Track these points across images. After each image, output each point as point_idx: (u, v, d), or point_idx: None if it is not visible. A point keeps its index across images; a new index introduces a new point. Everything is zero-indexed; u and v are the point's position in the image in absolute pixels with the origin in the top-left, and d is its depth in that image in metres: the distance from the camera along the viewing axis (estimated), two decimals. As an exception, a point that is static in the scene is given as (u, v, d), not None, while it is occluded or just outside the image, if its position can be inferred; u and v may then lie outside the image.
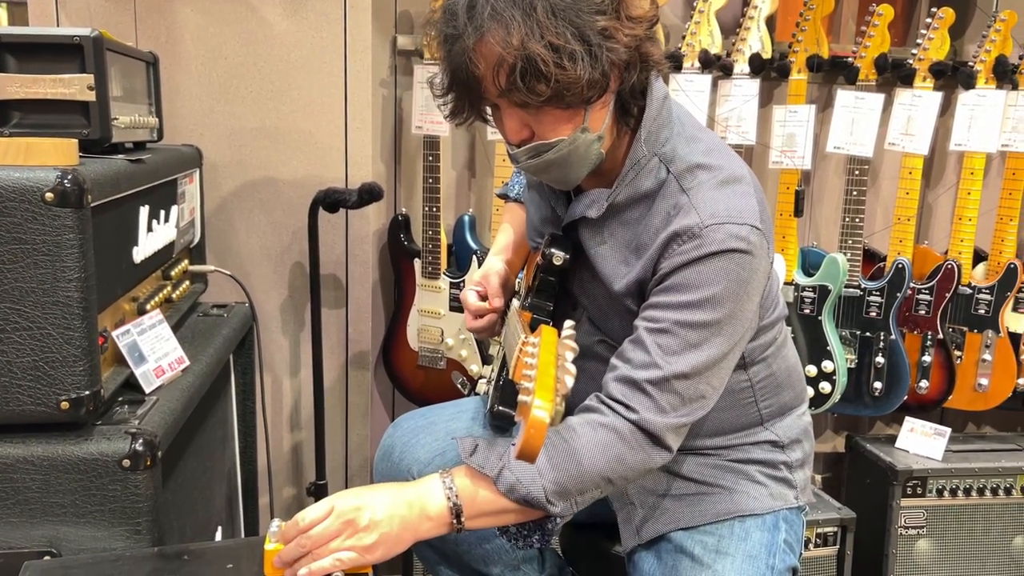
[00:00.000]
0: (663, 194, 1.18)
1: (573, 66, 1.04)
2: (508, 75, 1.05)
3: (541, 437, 0.82)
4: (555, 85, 1.05)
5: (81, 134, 1.34)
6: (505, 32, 1.04)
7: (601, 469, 1.12)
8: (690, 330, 1.12)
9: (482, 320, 1.42)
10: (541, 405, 0.81)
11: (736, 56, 2.21)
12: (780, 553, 1.24)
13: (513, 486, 1.11)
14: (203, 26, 2.02)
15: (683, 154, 1.19)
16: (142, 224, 1.46)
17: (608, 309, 1.27)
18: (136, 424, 1.26)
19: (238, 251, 2.14)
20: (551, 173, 1.18)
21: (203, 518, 1.67)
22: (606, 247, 1.23)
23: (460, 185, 2.40)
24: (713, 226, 1.11)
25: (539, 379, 0.85)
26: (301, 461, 2.29)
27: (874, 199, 2.47)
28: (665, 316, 1.13)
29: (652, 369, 1.12)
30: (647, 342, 1.13)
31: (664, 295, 1.14)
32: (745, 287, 1.13)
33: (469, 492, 1.12)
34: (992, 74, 2.20)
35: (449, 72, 1.13)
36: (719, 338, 1.13)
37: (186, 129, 2.04)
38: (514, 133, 1.14)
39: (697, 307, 1.12)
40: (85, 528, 1.23)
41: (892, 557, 2.27)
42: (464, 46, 1.07)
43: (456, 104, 1.18)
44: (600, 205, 1.21)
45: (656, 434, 1.13)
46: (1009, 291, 2.29)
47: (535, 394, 0.83)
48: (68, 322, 1.18)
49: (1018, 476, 2.28)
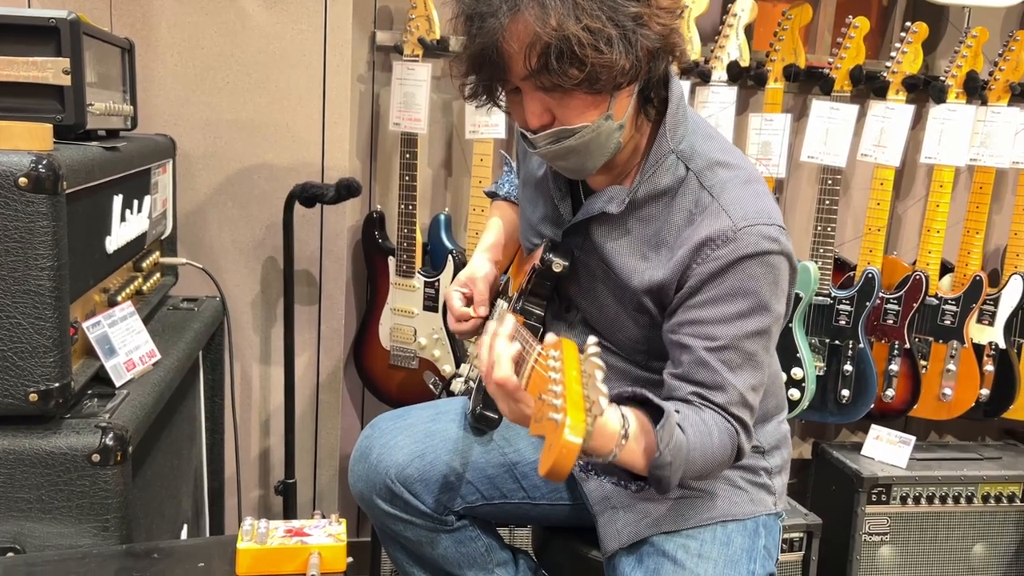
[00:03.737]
0: (683, 191, 1.18)
1: (609, 50, 1.04)
2: (541, 56, 1.04)
3: (571, 461, 0.79)
4: (589, 69, 1.04)
5: (55, 119, 1.30)
6: (542, 11, 1.03)
7: (710, 472, 1.16)
8: (747, 341, 1.14)
9: (466, 324, 1.40)
10: (573, 426, 0.78)
11: (714, 63, 2.22)
12: (760, 559, 1.25)
13: (662, 466, 1.06)
14: (180, 14, 1.98)
15: (702, 151, 1.20)
16: (115, 213, 1.43)
17: (612, 311, 1.26)
18: (106, 418, 1.23)
19: (210, 244, 2.10)
20: (569, 160, 1.17)
21: (170, 516, 1.64)
22: (623, 244, 1.22)
23: (436, 183, 2.38)
24: (746, 228, 1.12)
25: (569, 397, 0.81)
26: (270, 459, 2.26)
27: (845, 209, 2.51)
28: (721, 332, 1.13)
29: (729, 390, 1.14)
30: (711, 361, 1.14)
31: (712, 308, 1.14)
32: (783, 287, 1.16)
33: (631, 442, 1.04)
34: (963, 89, 2.24)
35: (476, 50, 1.10)
36: (769, 342, 1.17)
37: (160, 118, 2.00)
38: (535, 117, 1.12)
39: (748, 316, 1.13)
40: (51, 524, 1.20)
41: (856, 563, 2.29)
42: (497, 24, 1.05)
43: (477, 85, 1.16)
44: (621, 200, 1.20)
45: (743, 450, 1.18)
46: (974, 303, 2.33)
47: (567, 414, 0.79)
48: (39, 312, 1.15)
49: (979, 485, 2.32)
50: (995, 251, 2.60)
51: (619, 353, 1.31)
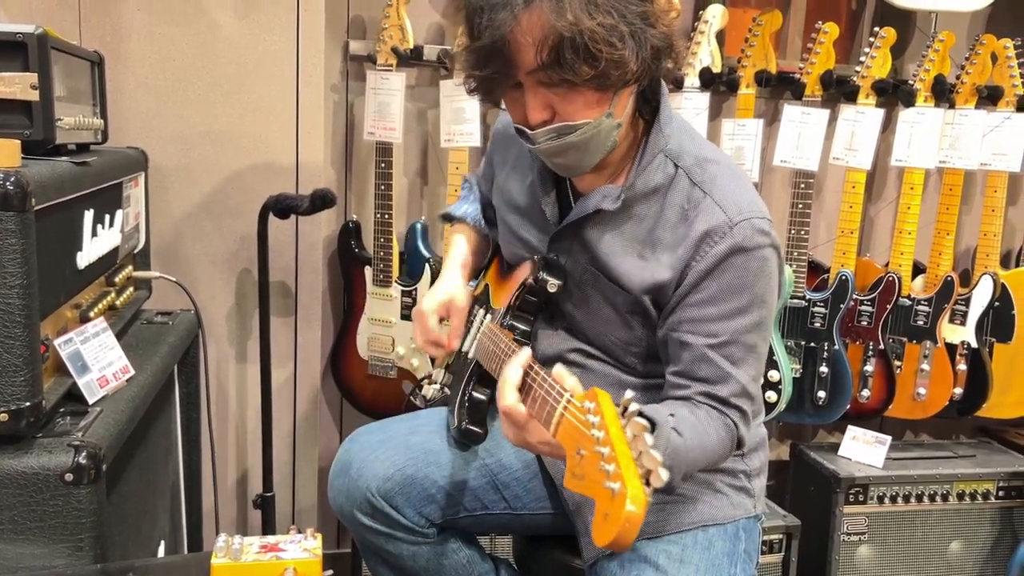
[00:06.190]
0: (674, 188, 1.20)
1: (623, 47, 1.05)
2: (553, 49, 1.04)
3: (636, 532, 0.77)
4: (603, 65, 1.05)
5: (23, 135, 1.29)
6: (557, 4, 1.03)
7: (712, 466, 1.20)
8: (747, 334, 1.17)
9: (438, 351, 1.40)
10: (635, 498, 0.75)
11: (686, 70, 2.24)
12: (741, 562, 1.26)
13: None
14: (150, 26, 1.97)
15: (690, 149, 1.22)
16: (86, 229, 1.41)
17: (603, 315, 1.27)
18: (79, 436, 1.21)
19: (184, 257, 2.08)
20: (567, 157, 1.17)
21: (146, 533, 1.62)
22: (617, 243, 1.23)
23: (412, 192, 2.38)
24: (741, 222, 1.15)
25: (622, 462, 0.78)
26: (248, 472, 2.24)
27: (818, 212, 2.53)
28: (722, 328, 1.16)
29: (732, 383, 1.16)
30: (714, 357, 1.16)
31: (711, 305, 1.16)
32: (775, 279, 1.19)
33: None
34: (931, 92, 2.27)
35: (486, 42, 1.08)
36: (767, 332, 1.20)
37: (131, 131, 1.98)
38: (536, 113, 1.13)
39: (747, 311, 1.16)
40: (24, 545, 1.18)
41: (835, 563, 2.31)
42: (510, 15, 1.05)
43: (481, 80, 1.15)
44: (616, 197, 1.21)
45: (743, 440, 1.21)
46: (946, 303, 2.36)
47: (626, 483, 0.76)
48: (9, 330, 1.13)
49: (954, 483, 2.35)
50: (966, 252, 2.64)
51: (605, 358, 1.31)
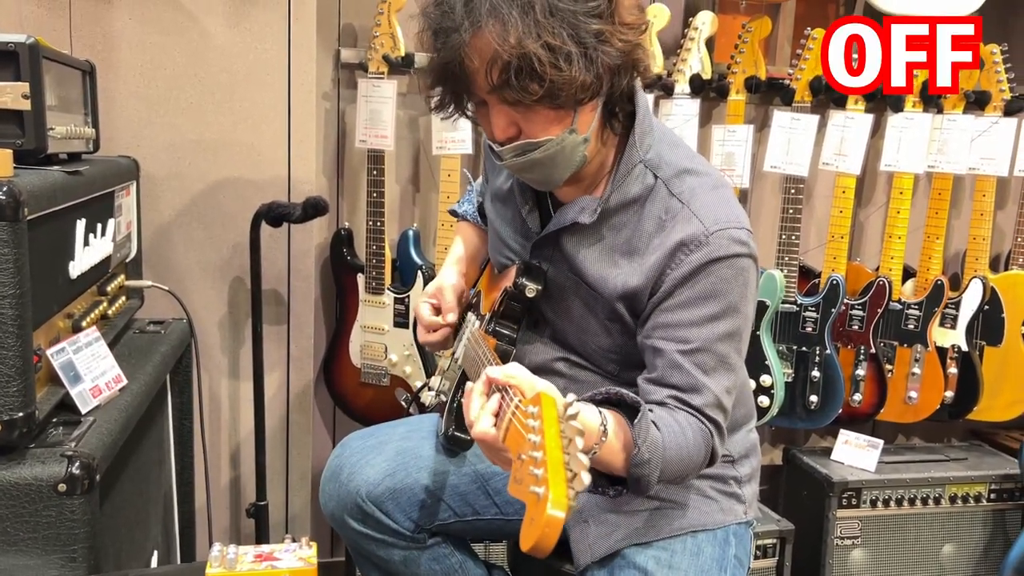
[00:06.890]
0: (652, 199, 1.21)
1: (568, 67, 1.05)
2: (502, 72, 1.06)
3: (556, 536, 0.75)
4: (549, 85, 1.06)
5: (15, 144, 1.29)
6: (502, 28, 1.04)
7: (685, 474, 1.17)
8: (719, 343, 1.16)
9: (435, 334, 1.41)
10: (556, 501, 0.74)
11: (677, 76, 2.25)
12: (731, 568, 1.26)
13: (641, 463, 1.06)
14: (142, 35, 1.97)
15: (669, 160, 1.22)
16: (79, 238, 1.41)
17: (583, 322, 1.27)
18: (72, 446, 1.21)
19: (176, 266, 2.08)
20: (535, 172, 1.18)
21: (139, 543, 1.61)
22: (594, 252, 1.24)
23: (404, 199, 2.38)
24: (718, 232, 1.15)
25: (550, 467, 0.77)
26: (241, 481, 2.23)
27: (809, 217, 2.54)
28: (694, 335, 1.15)
29: (704, 393, 1.15)
30: (685, 364, 1.15)
31: (684, 311, 1.16)
32: (751, 289, 1.19)
33: (611, 438, 1.05)
34: (919, 98, 2.29)
35: (440, 65, 1.12)
36: (740, 344, 1.19)
37: (123, 140, 1.98)
38: (501, 130, 1.14)
39: (720, 319, 1.15)
40: (16, 556, 1.18)
41: (829, 567, 2.32)
42: (460, 40, 1.07)
43: (443, 97, 1.17)
44: (593, 210, 1.22)
45: (717, 452, 1.19)
46: (936, 307, 2.37)
47: (549, 487, 0.75)
48: (1, 340, 1.13)
49: (946, 486, 2.36)
50: (955, 255, 2.65)
51: (590, 367, 1.32)
